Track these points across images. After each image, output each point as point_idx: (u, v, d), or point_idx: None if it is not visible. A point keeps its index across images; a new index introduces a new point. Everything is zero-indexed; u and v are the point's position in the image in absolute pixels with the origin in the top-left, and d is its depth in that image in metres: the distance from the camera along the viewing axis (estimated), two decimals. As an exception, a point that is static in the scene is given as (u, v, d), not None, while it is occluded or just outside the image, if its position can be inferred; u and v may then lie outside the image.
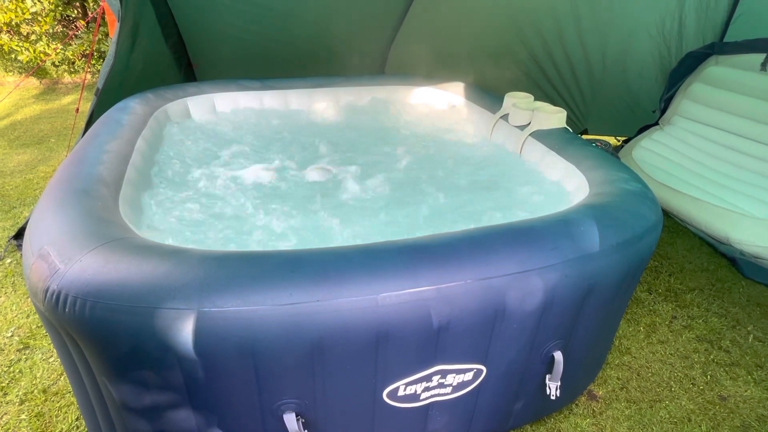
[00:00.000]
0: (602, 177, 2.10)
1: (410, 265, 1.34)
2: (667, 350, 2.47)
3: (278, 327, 1.23)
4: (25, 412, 1.99)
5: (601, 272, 1.55)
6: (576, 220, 1.60)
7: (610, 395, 2.19)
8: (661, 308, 2.79)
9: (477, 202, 2.41)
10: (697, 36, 4.27)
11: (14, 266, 2.89)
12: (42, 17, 6.66)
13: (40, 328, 2.42)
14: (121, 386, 1.36)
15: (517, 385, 1.67)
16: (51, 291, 1.25)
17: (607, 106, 4.91)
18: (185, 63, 4.12)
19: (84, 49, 7.08)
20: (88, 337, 1.27)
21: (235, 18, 3.81)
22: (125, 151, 2.20)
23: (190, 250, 1.36)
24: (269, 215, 2.19)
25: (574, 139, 2.61)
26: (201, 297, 1.20)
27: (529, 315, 1.47)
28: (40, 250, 1.35)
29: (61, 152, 4.69)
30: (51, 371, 2.19)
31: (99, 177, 1.83)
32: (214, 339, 1.21)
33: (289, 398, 1.37)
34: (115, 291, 1.20)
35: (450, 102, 3.83)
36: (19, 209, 3.55)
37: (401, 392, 1.47)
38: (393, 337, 1.33)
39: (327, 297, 1.24)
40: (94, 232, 1.41)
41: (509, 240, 1.49)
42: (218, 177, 2.53)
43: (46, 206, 1.59)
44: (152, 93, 3.07)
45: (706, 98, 3.93)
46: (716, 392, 2.24)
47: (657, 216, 1.80)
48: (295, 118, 3.56)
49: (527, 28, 4.42)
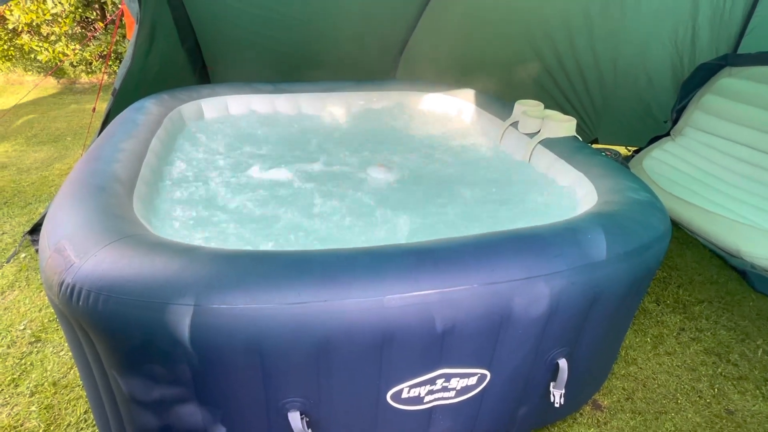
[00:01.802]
0: (611, 186, 2.10)
1: (416, 268, 1.35)
2: (674, 362, 2.46)
3: (285, 326, 1.24)
4: (35, 404, 2.03)
5: (607, 281, 1.55)
6: (583, 228, 1.61)
7: (615, 405, 2.18)
8: (669, 319, 2.77)
9: (484, 208, 2.42)
10: (710, 47, 4.25)
11: (28, 261, 2.95)
12: (62, 18, 6.81)
13: (51, 322, 2.47)
14: (130, 379, 1.38)
15: (521, 391, 1.67)
16: (66, 284, 1.28)
17: (618, 115, 4.90)
18: (200, 65, 4.19)
19: (102, 50, 7.22)
20: (100, 330, 1.30)
21: (250, 23, 3.87)
22: (140, 150, 2.25)
23: (201, 248, 1.38)
24: (279, 215, 2.22)
25: (583, 147, 2.61)
26: (210, 294, 1.22)
27: (535, 321, 1.48)
28: (57, 245, 1.39)
29: (76, 150, 4.78)
30: (61, 364, 2.23)
31: (114, 175, 1.87)
32: (222, 336, 1.23)
33: (295, 397, 1.39)
34: (127, 286, 1.23)
35: (460, 108, 3.85)
36: (35, 205, 3.63)
37: (405, 394, 1.48)
38: (398, 339, 1.35)
39: (334, 297, 1.26)
40: (109, 228, 1.45)
41: (516, 246, 1.49)
42: (229, 177, 2.56)
43: (63, 202, 1.63)
44: (167, 94, 3.13)
45: (719, 110, 3.91)
46: (723, 406, 2.21)
47: (665, 226, 1.79)
48: (307, 121, 3.60)
49: (539, 36, 4.44)
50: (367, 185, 2.60)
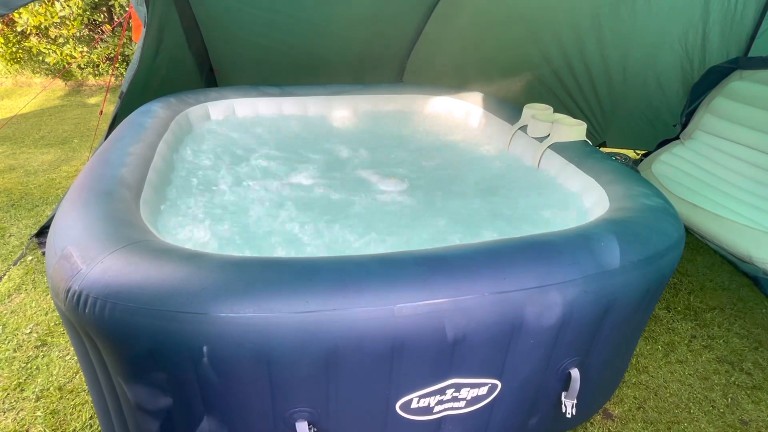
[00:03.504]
0: (623, 192, 2.06)
1: (427, 276, 1.33)
2: (686, 370, 2.41)
3: (294, 335, 1.22)
4: (40, 409, 2.02)
5: (621, 289, 1.52)
6: (596, 235, 1.58)
7: (626, 415, 2.14)
8: (680, 327, 2.72)
9: (493, 213, 2.39)
10: (720, 50, 4.20)
11: (35, 263, 2.95)
12: (70, 21, 6.85)
13: (57, 326, 2.46)
14: (137, 387, 1.37)
15: (531, 401, 1.64)
16: (73, 291, 1.27)
17: (626, 119, 4.85)
18: (207, 68, 4.19)
19: (109, 52, 7.25)
20: (106, 338, 1.28)
21: (258, 25, 3.87)
22: (147, 154, 2.24)
23: (209, 255, 1.37)
24: (287, 220, 2.20)
25: (593, 152, 2.58)
26: (218, 302, 1.20)
27: (547, 330, 1.45)
28: (64, 251, 1.38)
29: (83, 153, 4.79)
30: (67, 369, 2.22)
31: (121, 179, 1.86)
32: (230, 344, 1.21)
33: (302, 406, 1.37)
34: (135, 293, 1.22)
35: (468, 112, 3.82)
36: (42, 208, 3.63)
37: (414, 404, 1.46)
38: (408, 349, 1.32)
39: (343, 306, 1.24)
40: (116, 235, 1.43)
41: (527, 253, 1.47)
42: (237, 181, 2.55)
43: (70, 206, 1.62)
44: (174, 97, 3.13)
45: (730, 113, 3.86)
46: (737, 416, 2.17)
47: (679, 233, 1.76)
48: (314, 124, 3.59)
49: (548, 39, 4.40)
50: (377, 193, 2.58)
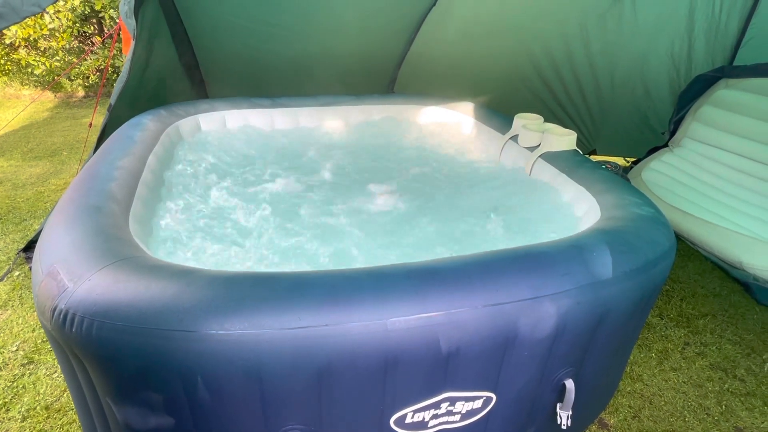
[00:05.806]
0: (614, 201, 2.07)
1: (420, 289, 1.32)
2: (680, 378, 2.42)
3: (286, 351, 1.21)
4: (27, 429, 1.97)
5: (614, 299, 1.52)
6: (589, 246, 1.58)
7: (621, 424, 2.14)
8: (673, 334, 2.73)
9: (484, 224, 2.39)
10: (706, 59, 4.28)
11: (22, 279, 2.90)
12: (59, 33, 6.82)
13: (44, 343, 2.42)
14: (125, 407, 1.33)
15: (527, 413, 1.62)
16: (59, 310, 1.24)
17: (616, 126, 4.91)
18: (198, 80, 4.18)
19: (99, 64, 7.22)
20: (94, 357, 1.25)
21: (248, 37, 3.87)
22: (137, 168, 2.21)
23: (199, 271, 1.35)
24: (278, 234, 2.18)
25: (584, 161, 2.59)
26: (208, 319, 1.18)
27: (541, 342, 1.44)
28: (50, 268, 1.35)
29: (73, 165, 4.75)
30: (54, 387, 2.17)
31: (110, 193, 1.83)
32: (220, 362, 1.19)
33: (295, 423, 1.34)
34: (123, 312, 1.19)
35: (459, 122, 3.84)
36: (30, 221, 3.58)
37: (409, 419, 1.44)
38: (402, 363, 1.31)
39: (336, 321, 1.22)
40: (103, 251, 1.41)
41: (520, 265, 1.46)
42: (227, 194, 2.53)
43: (57, 222, 1.60)
44: (165, 109, 3.11)
45: (716, 121, 3.92)
46: (732, 423, 2.17)
47: (671, 242, 1.77)
48: (305, 136, 3.58)
49: (537, 50, 4.46)
50: (369, 205, 2.57)
